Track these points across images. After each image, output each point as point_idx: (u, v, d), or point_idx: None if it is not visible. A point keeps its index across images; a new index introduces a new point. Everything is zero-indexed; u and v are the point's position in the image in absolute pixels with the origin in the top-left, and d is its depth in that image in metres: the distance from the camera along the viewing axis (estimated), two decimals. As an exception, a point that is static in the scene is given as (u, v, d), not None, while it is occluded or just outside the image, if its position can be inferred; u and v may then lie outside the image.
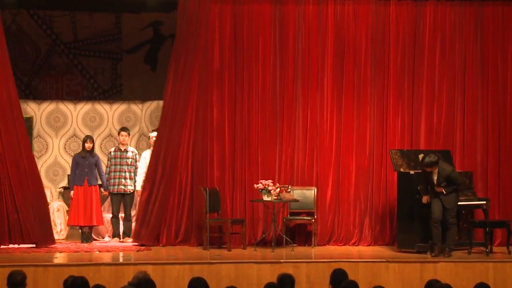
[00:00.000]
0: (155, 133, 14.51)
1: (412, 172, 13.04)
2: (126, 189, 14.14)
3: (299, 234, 13.96)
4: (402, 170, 13.16)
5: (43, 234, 13.30)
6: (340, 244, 13.85)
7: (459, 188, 12.69)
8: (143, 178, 14.10)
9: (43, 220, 13.44)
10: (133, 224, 14.33)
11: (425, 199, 12.58)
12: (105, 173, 14.15)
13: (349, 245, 13.82)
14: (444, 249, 12.29)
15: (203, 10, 13.98)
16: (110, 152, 14.37)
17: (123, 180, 14.15)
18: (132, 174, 14.21)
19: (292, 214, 13.86)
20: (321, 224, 13.89)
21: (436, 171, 12.45)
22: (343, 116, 14.10)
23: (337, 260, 11.81)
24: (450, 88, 14.19)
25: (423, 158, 12.64)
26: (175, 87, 13.98)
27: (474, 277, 11.15)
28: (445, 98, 14.16)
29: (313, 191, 13.84)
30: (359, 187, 14.01)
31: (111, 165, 14.19)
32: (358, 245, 13.84)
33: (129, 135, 14.50)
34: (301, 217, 13.84)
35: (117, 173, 14.15)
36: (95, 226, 14.12)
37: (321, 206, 13.92)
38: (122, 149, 14.23)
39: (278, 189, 13.22)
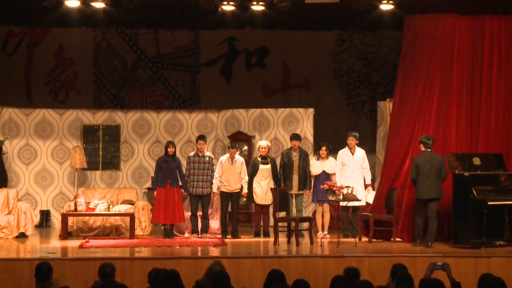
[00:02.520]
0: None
1: (466, 173, 12.88)
2: (203, 191, 14.21)
3: (380, 230, 13.84)
4: (457, 172, 13.01)
5: None
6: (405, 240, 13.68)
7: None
8: (218, 181, 14.19)
9: None
10: (210, 221, 14.46)
11: None
12: (185, 175, 14.26)
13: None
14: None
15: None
16: (190, 156, 14.45)
17: (200, 183, 14.21)
18: (209, 177, 14.26)
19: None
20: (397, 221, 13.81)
21: None
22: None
23: (397, 255, 11.73)
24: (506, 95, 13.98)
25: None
26: (402, 97, 14.11)
27: (526, 271, 10.97)
28: (502, 105, 13.94)
29: (394, 191, 13.74)
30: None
31: (190, 169, 14.28)
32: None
33: (205, 142, 14.56)
34: (379, 214, 13.72)
35: (196, 177, 14.22)
36: (176, 223, 14.25)
37: (397, 205, 13.83)
38: (200, 155, 14.31)
39: (344, 190, 13.19)
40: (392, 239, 13.47)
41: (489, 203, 12.52)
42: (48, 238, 14.41)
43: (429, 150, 13.04)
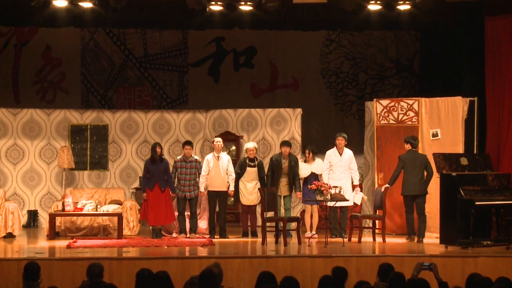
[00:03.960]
0: (218, 139, 14.56)
1: (453, 174, 12.92)
2: (190, 194, 14.15)
3: (369, 230, 13.87)
4: (444, 172, 13.05)
5: None
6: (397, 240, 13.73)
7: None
8: (205, 179, 14.17)
9: None
10: (198, 221, 14.43)
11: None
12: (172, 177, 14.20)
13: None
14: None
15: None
16: (176, 161, 14.39)
17: (187, 188, 14.14)
18: (196, 181, 14.19)
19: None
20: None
21: None
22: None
23: (384, 254, 11.75)
24: None
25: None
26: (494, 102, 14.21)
27: (512, 271, 10.99)
28: None
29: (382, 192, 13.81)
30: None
31: (178, 173, 14.23)
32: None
33: (192, 148, 14.44)
34: (368, 214, 13.78)
35: (182, 181, 14.16)
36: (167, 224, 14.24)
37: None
38: (187, 160, 14.24)
39: (332, 190, 13.20)
40: (381, 239, 13.50)
41: (477, 203, 12.56)
42: (36, 238, 14.36)
43: (415, 149, 13.44)
